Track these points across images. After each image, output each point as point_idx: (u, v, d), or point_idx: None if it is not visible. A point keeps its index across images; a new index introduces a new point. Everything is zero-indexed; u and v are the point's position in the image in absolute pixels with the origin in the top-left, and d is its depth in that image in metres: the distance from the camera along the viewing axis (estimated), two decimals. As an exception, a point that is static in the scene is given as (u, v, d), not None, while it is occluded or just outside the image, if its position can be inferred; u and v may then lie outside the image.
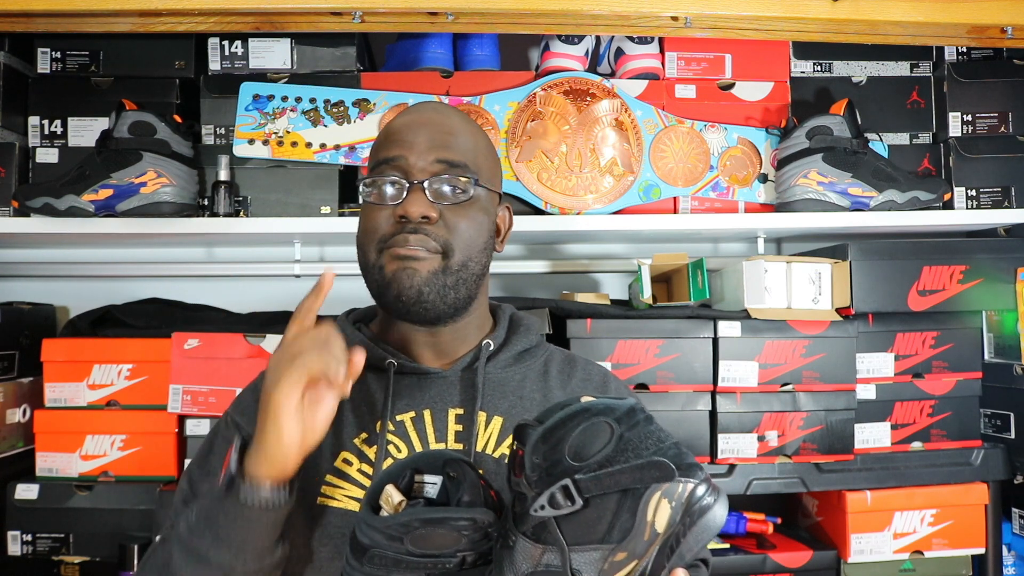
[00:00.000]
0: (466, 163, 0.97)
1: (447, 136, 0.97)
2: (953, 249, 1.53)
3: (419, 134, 0.96)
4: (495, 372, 1.02)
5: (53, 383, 1.51)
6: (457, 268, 0.95)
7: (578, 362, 1.09)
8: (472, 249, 0.96)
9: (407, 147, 0.96)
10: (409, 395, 0.99)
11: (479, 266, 0.98)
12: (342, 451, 0.97)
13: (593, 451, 0.75)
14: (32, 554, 1.48)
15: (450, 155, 0.96)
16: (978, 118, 1.64)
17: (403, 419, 0.98)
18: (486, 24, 1.40)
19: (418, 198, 0.94)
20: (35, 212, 1.50)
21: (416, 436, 0.97)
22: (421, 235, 0.94)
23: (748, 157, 1.64)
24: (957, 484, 1.52)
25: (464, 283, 0.96)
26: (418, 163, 0.95)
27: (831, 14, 1.38)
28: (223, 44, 1.59)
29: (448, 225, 0.95)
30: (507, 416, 0.99)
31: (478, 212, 0.97)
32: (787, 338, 1.48)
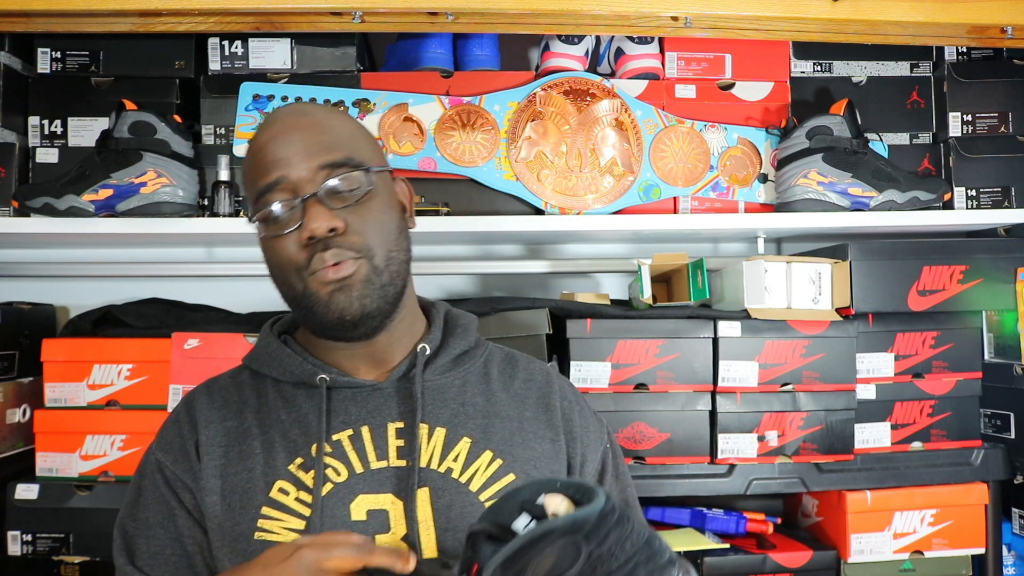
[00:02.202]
0: (350, 156, 0.90)
1: (317, 136, 0.90)
2: (953, 249, 1.53)
3: (289, 146, 0.89)
4: (434, 379, 0.97)
5: (53, 383, 1.51)
6: (385, 264, 0.91)
7: (519, 361, 1.04)
8: (389, 239, 0.92)
9: (283, 165, 0.89)
10: (345, 411, 0.94)
11: (403, 251, 0.94)
12: (277, 480, 0.91)
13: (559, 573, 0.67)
14: (32, 554, 1.48)
15: (330, 156, 0.89)
16: (978, 118, 1.64)
17: (340, 438, 0.92)
18: (486, 24, 1.40)
19: (317, 212, 0.87)
20: (35, 212, 1.50)
21: (356, 456, 0.91)
22: (335, 248, 0.88)
23: (748, 157, 1.64)
24: (957, 484, 1.52)
25: (398, 275, 0.93)
26: (301, 177, 0.88)
27: (831, 14, 1.38)
28: (223, 44, 1.59)
29: (357, 228, 0.89)
30: (450, 426, 0.94)
31: (380, 201, 0.92)
32: (787, 338, 1.48)
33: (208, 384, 1.03)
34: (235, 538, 0.90)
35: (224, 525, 0.91)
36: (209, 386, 1.02)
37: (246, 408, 0.97)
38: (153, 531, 0.95)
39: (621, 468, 1.05)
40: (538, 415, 0.99)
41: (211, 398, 0.99)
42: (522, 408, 0.99)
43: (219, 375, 1.05)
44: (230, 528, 0.90)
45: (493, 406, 0.97)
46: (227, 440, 0.94)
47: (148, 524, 0.95)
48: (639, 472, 1.46)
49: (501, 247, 1.86)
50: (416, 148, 1.58)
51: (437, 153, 1.58)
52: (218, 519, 0.91)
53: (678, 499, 1.55)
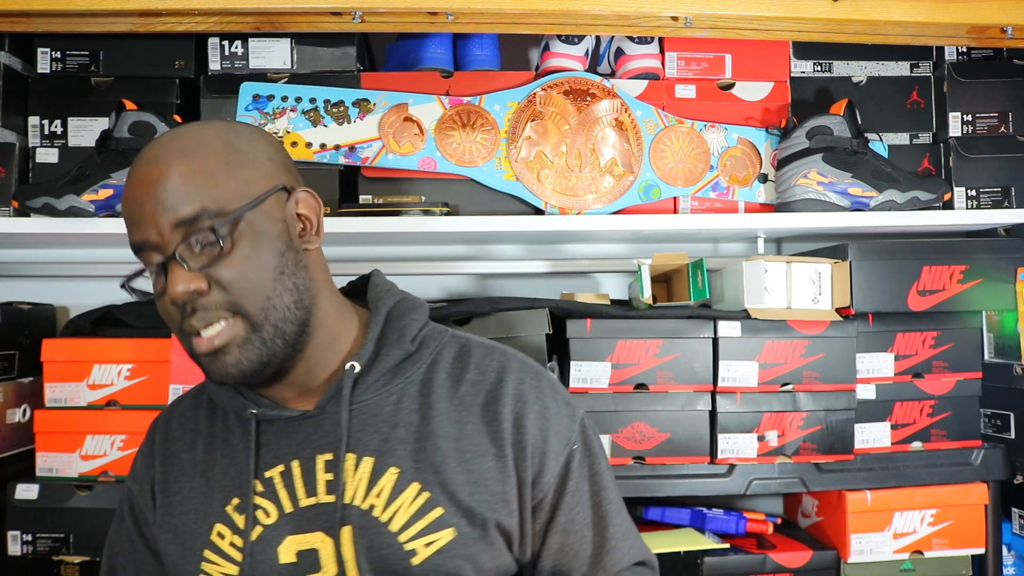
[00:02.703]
0: (201, 208, 0.81)
1: (168, 191, 0.82)
2: (953, 249, 1.53)
3: (143, 205, 0.83)
4: (367, 398, 0.90)
5: (53, 383, 1.51)
6: (263, 316, 0.83)
7: (472, 356, 0.94)
8: (264, 288, 0.83)
9: (140, 225, 0.84)
10: (276, 445, 0.90)
11: (288, 293, 0.85)
12: (216, 523, 0.90)
13: None
14: (32, 554, 1.48)
15: (180, 212, 0.81)
16: (978, 118, 1.64)
17: (272, 475, 0.89)
18: (486, 24, 1.40)
19: (176, 275, 0.81)
20: (35, 212, 1.50)
21: (286, 494, 0.88)
22: (201, 312, 0.82)
23: (748, 157, 1.64)
24: (957, 484, 1.52)
25: (285, 321, 0.85)
26: (159, 239, 0.83)
27: (831, 14, 1.38)
28: (223, 44, 1.59)
29: (223, 285, 0.82)
30: (378, 455, 0.88)
31: (249, 245, 0.83)
32: (787, 338, 1.48)
33: (171, 409, 1.02)
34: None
35: (177, 563, 0.92)
36: (171, 412, 1.01)
37: (198, 438, 0.96)
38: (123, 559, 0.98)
39: (596, 467, 0.95)
40: (481, 428, 0.90)
41: (169, 428, 0.99)
42: (463, 421, 0.90)
43: (185, 395, 1.03)
44: (182, 566, 0.91)
45: (429, 423, 0.90)
46: (180, 475, 0.94)
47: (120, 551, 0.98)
48: (639, 472, 1.47)
49: (501, 247, 1.86)
50: (416, 148, 1.58)
51: (437, 153, 1.58)
52: (171, 557, 0.92)
53: (678, 499, 1.55)
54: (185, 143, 0.85)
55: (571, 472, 0.93)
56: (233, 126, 0.90)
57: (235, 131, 0.88)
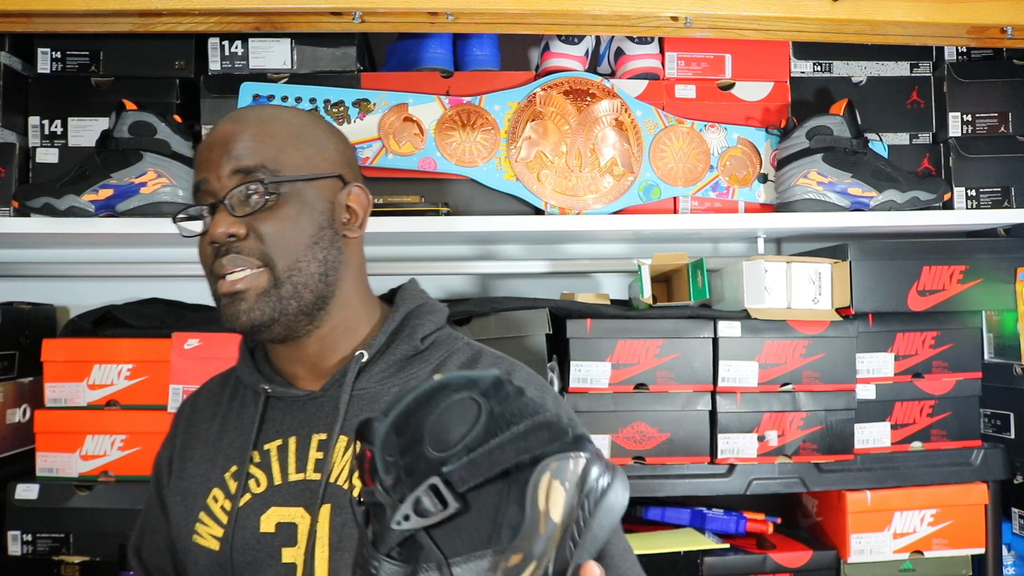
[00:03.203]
0: (262, 164, 0.89)
1: (239, 143, 0.90)
2: (953, 249, 1.53)
3: (214, 150, 0.90)
4: (370, 387, 0.93)
5: (53, 383, 1.51)
6: (287, 274, 0.89)
7: (481, 363, 0.97)
8: (296, 250, 0.89)
9: (206, 168, 0.91)
10: (280, 421, 0.94)
11: (315, 263, 0.90)
12: (213, 487, 0.94)
13: (460, 435, 0.61)
14: (32, 554, 1.48)
15: (243, 162, 0.89)
16: (978, 118, 1.64)
17: (269, 448, 0.93)
18: (486, 24, 1.40)
19: (221, 218, 0.88)
20: (35, 212, 1.50)
21: (278, 467, 0.92)
22: (233, 254, 0.88)
23: (748, 157, 1.64)
24: (957, 484, 1.52)
25: (304, 286, 0.90)
26: (218, 182, 0.89)
27: (831, 14, 1.38)
28: (223, 44, 1.59)
29: (260, 235, 0.88)
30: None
31: (292, 210, 0.89)
32: (787, 338, 1.48)
33: (202, 386, 1.08)
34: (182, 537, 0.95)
35: (179, 524, 0.96)
36: (201, 388, 1.07)
37: (218, 412, 1.00)
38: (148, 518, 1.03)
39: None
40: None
41: (196, 401, 1.05)
42: None
43: (218, 374, 1.09)
44: (183, 527, 0.95)
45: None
46: (196, 443, 0.99)
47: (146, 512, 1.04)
48: (639, 472, 1.47)
49: (501, 247, 1.86)
50: (416, 148, 1.58)
51: (437, 153, 1.58)
52: (176, 519, 0.97)
53: (678, 499, 1.55)
54: (267, 113, 0.94)
55: None
56: (314, 115, 0.98)
57: (313, 119, 0.97)
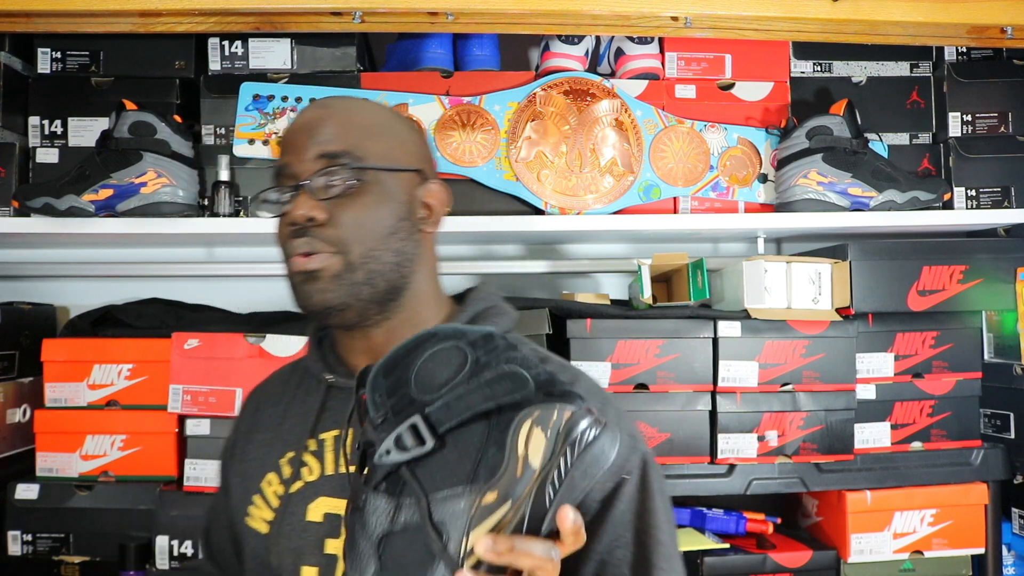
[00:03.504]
0: (347, 150, 0.89)
1: (325, 128, 0.90)
2: (953, 249, 1.53)
3: (300, 134, 0.91)
4: None
5: (53, 383, 1.51)
6: (362, 261, 0.88)
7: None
8: (373, 238, 0.88)
9: (291, 151, 0.91)
10: (339, 411, 0.92)
11: (391, 253, 0.89)
12: (268, 471, 0.94)
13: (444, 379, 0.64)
14: (32, 554, 1.48)
15: (328, 147, 0.89)
16: (978, 118, 1.64)
17: (326, 438, 0.92)
18: (486, 24, 1.40)
19: (301, 200, 0.88)
20: (35, 212, 1.50)
21: (331, 457, 0.91)
22: (309, 238, 0.88)
23: (748, 157, 1.64)
24: (957, 484, 1.52)
25: (379, 274, 0.89)
26: (301, 165, 0.90)
27: (831, 14, 1.38)
28: (223, 44, 1.59)
29: (338, 220, 0.88)
30: None
31: (372, 198, 0.89)
32: (787, 338, 1.48)
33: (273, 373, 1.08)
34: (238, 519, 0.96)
35: (236, 507, 0.97)
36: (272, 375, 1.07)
37: (283, 398, 1.00)
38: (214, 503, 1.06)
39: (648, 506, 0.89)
40: None
41: (265, 387, 1.05)
42: None
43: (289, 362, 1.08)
44: (238, 509, 0.96)
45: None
46: (259, 427, 0.99)
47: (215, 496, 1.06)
48: (639, 472, 1.46)
49: (501, 247, 1.86)
50: (416, 148, 1.58)
51: (437, 153, 1.58)
52: (234, 500, 0.98)
53: (678, 499, 1.54)
54: (352, 103, 0.95)
55: (618, 501, 0.88)
56: (398, 112, 1.00)
57: (396, 113, 0.98)
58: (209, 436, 1.47)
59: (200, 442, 1.48)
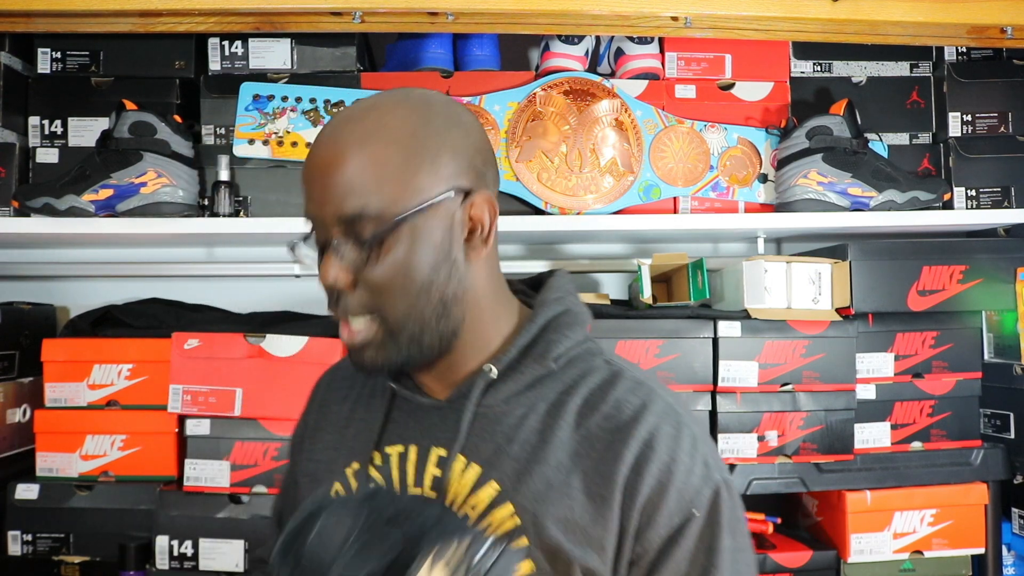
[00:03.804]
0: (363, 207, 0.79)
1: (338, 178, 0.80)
2: (953, 249, 1.53)
3: (314, 185, 0.82)
4: (496, 404, 0.86)
5: (53, 383, 1.51)
6: (402, 323, 0.82)
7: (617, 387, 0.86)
8: (409, 295, 0.81)
9: (311, 202, 0.83)
10: (404, 424, 0.90)
11: (433, 306, 0.82)
12: (335, 480, 0.91)
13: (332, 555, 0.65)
14: (32, 554, 1.48)
15: (343, 208, 0.80)
16: (978, 118, 1.64)
17: (391, 452, 0.89)
18: (486, 24, 1.40)
19: (329, 263, 0.81)
20: (35, 212, 1.50)
21: (397, 475, 0.87)
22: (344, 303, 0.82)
23: (748, 157, 1.64)
24: (957, 484, 1.52)
25: (423, 332, 0.83)
26: (323, 221, 0.82)
27: (831, 14, 1.38)
28: (223, 44, 1.59)
29: (367, 282, 0.81)
30: (486, 465, 0.84)
31: (403, 247, 0.80)
32: (787, 338, 1.48)
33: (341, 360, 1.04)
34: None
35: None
36: (340, 363, 1.03)
37: (351, 395, 0.97)
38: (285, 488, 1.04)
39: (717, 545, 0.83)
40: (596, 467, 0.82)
41: (334, 377, 1.02)
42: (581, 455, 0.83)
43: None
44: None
45: (545, 448, 0.84)
46: (326, 425, 0.97)
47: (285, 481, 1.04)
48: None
49: (501, 247, 1.85)
50: (416, 148, 1.58)
51: (437, 153, 1.58)
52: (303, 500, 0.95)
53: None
54: (369, 127, 0.81)
55: (683, 539, 0.82)
56: (427, 109, 0.83)
57: (426, 118, 0.82)
58: (209, 436, 1.48)
59: (200, 442, 1.48)
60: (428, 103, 0.84)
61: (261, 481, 1.47)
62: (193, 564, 1.45)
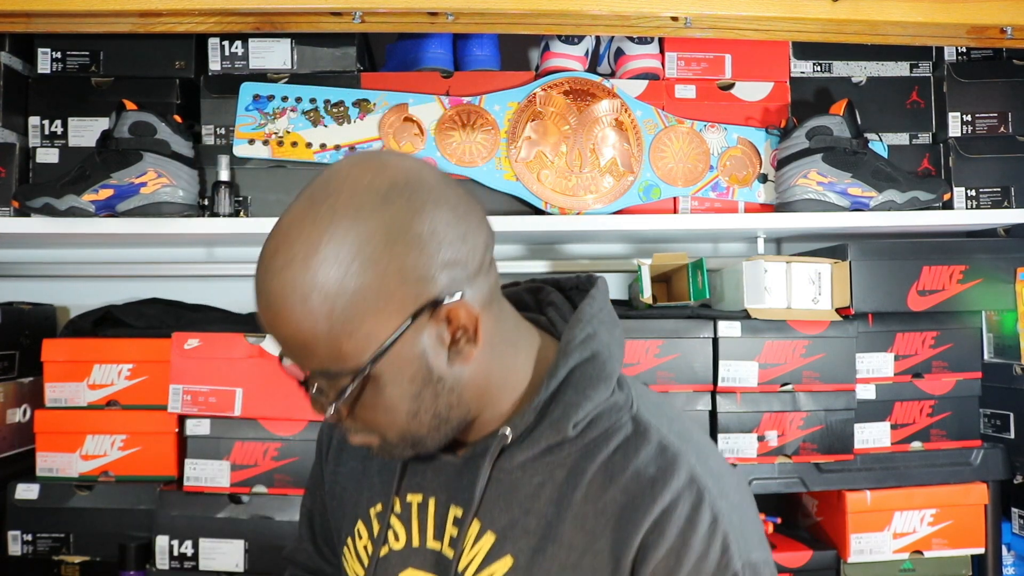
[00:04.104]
0: (320, 368, 0.72)
1: (285, 341, 0.73)
2: (953, 249, 1.53)
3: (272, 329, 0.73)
4: (511, 470, 0.80)
5: (53, 383, 1.51)
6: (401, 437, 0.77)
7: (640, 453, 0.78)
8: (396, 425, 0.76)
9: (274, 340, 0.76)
10: (422, 474, 0.85)
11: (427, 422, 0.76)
12: (359, 518, 0.89)
13: None
14: (32, 554, 1.48)
15: (303, 365, 0.74)
16: (978, 118, 1.64)
17: (412, 501, 0.85)
18: (486, 24, 1.40)
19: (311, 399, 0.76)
20: (35, 212, 1.50)
21: (417, 526, 0.84)
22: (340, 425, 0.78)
23: (748, 157, 1.64)
24: (957, 484, 1.52)
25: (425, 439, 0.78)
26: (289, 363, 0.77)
27: (831, 14, 1.38)
28: (223, 44, 1.59)
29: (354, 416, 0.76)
30: (501, 535, 0.79)
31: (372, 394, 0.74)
32: (787, 338, 1.48)
33: None
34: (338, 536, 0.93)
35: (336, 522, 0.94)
36: None
37: None
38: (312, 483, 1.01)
39: None
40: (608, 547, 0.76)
41: None
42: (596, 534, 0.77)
43: None
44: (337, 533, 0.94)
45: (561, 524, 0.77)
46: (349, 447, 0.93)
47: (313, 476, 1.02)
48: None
49: (501, 247, 1.86)
50: (416, 148, 1.58)
51: (437, 153, 1.58)
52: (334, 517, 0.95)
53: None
54: (298, 280, 0.69)
55: None
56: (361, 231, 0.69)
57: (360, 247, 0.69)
58: (209, 436, 1.48)
59: (200, 442, 1.48)
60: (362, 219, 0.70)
61: (261, 481, 1.47)
62: (193, 564, 1.45)
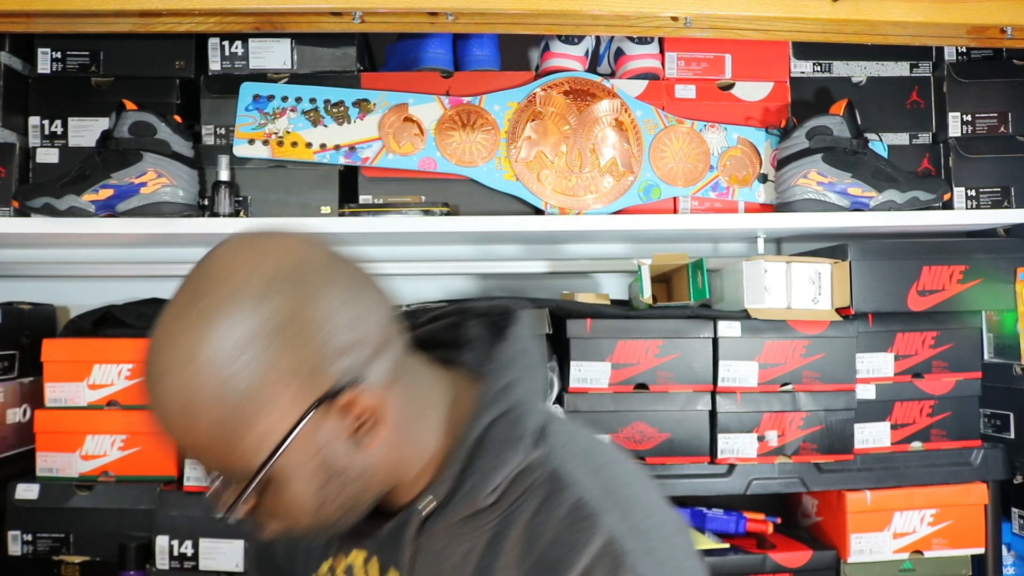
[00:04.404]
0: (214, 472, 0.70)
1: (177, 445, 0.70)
2: (953, 249, 1.53)
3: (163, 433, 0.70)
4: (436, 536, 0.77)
5: (53, 383, 1.51)
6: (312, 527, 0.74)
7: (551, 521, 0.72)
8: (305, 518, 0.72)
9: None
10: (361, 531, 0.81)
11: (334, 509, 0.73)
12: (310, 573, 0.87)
13: None
14: (32, 554, 1.48)
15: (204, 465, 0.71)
16: (978, 118, 1.64)
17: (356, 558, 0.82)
18: (486, 24, 1.40)
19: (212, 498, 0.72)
20: (35, 212, 1.50)
21: None
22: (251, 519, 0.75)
23: (748, 157, 1.64)
24: (957, 484, 1.52)
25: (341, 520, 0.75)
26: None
27: (831, 14, 1.38)
28: (223, 44, 1.59)
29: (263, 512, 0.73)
30: None
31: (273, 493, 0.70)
32: (787, 338, 1.48)
33: None
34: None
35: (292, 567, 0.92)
36: None
37: None
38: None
39: None
40: None
41: None
42: None
43: None
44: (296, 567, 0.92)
45: None
46: None
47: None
48: (639, 472, 1.47)
49: (501, 247, 1.86)
50: (416, 148, 1.58)
51: (437, 153, 1.58)
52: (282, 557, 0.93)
53: (678, 499, 1.54)
54: (178, 387, 0.66)
55: None
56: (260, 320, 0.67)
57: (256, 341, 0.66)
58: (209, 436, 1.47)
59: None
60: (243, 319, 0.67)
61: (261, 481, 1.47)
62: (193, 564, 1.45)
